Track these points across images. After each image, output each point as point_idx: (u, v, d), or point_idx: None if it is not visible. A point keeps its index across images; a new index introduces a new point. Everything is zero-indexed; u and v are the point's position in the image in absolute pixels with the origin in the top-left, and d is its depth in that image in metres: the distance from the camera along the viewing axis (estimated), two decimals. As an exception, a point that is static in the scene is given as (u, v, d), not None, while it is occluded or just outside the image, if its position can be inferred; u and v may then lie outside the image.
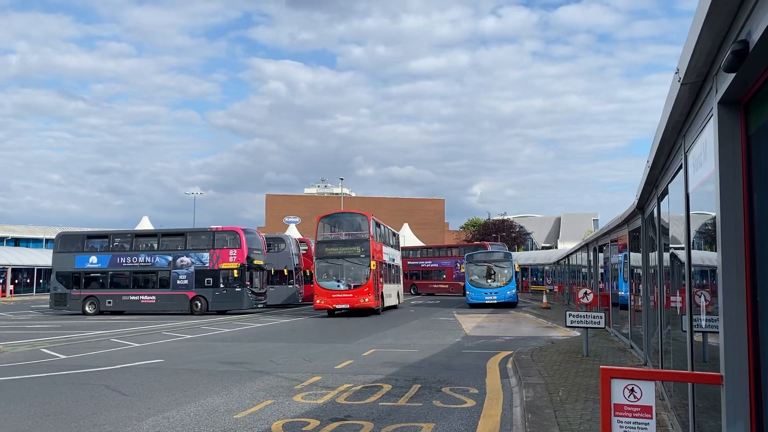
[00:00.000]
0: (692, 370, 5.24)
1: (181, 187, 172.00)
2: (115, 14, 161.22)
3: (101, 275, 30.54)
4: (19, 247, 66.27)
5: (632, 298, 13.92)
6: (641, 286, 11.67)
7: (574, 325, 12.97)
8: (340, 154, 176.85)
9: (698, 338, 5.22)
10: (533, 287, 54.42)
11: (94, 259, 30.65)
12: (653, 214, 8.99)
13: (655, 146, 6.19)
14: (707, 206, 4.35)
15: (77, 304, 30.22)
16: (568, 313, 13.10)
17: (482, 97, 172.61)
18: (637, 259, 12.57)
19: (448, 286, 48.27)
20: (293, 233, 52.00)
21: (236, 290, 28.62)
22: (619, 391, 3.62)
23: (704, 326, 4.90)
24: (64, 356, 14.53)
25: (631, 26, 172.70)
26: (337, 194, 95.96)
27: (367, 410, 8.33)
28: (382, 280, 29.67)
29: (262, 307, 30.74)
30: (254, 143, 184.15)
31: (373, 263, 27.80)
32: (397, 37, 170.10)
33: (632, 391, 3.60)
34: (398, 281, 35.21)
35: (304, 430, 7.36)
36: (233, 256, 28.92)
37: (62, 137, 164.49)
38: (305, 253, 36.40)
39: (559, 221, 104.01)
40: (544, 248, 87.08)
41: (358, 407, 8.52)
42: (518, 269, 39.99)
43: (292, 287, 34.27)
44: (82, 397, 9.58)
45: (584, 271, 26.10)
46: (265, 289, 30.89)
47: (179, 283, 29.34)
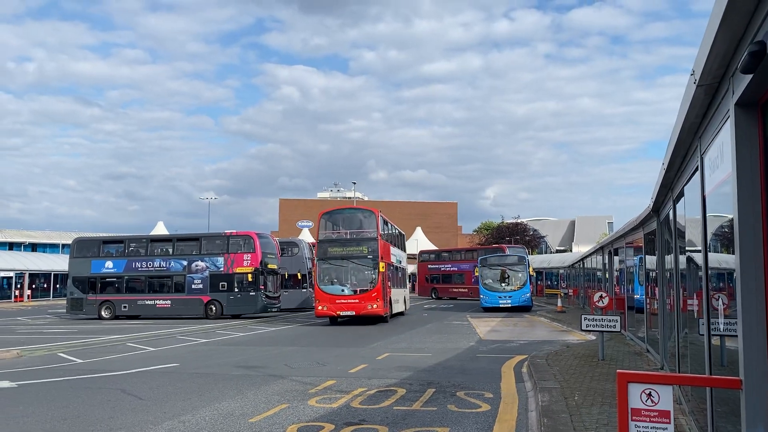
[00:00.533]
0: (710, 374, 5.19)
1: (195, 192, 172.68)
2: (129, 21, 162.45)
3: (117, 280, 30.77)
4: (36, 252, 67.02)
5: (648, 301, 13.81)
6: (657, 289, 11.57)
7: (589, 328, 12.89)
8: (352, 158, 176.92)
9: (716, 342, 5.16)
10: (548, 291, 54.00)
11: (109, 264, 30.88)
12: (669, 216, 8.92)
13: (670, 148, 6.15)
14: (724, 208, 4.32)
15: (93, 308, 30.43)
16: (583, 316, 13.02)
17: (495, 100, 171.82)
18: (652, 262, 12.48)
19: (467, 290, 47.11)
20: (307, 237, 52.05)
21: (250, 294, 28.71)
22: (636, 395, 3.59)
23: (722, 330, 4.85)
24: (80, 360, 14.66)
25: (644, 28, 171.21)
26: (349, 198, 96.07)
27: (381, 414, 8.32)
28: (389, 284, 26.53)
29: (275, 311, 30.79)
30: (268, 148, 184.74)
31: (381, 265, 24.71)
32: (409, 41, 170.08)
33: (650, 395, 3.58)
34: (404, 285, 32.85)
35: (318, 434, 7.36)
36: (248, 260, 29.03)
37: (78, 143, 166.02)
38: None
39: (573, 224, 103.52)
40: (558, 251, 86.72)
41: (372, 411, 8.52)
42: (533, 273, 39.64)
43: (305, 291, 34.26)
44: (98, 401, 9.65)
45: (599, 274, 25.96)
46: (278, 293, 30.92)
47: (194, 287, 29.50)
